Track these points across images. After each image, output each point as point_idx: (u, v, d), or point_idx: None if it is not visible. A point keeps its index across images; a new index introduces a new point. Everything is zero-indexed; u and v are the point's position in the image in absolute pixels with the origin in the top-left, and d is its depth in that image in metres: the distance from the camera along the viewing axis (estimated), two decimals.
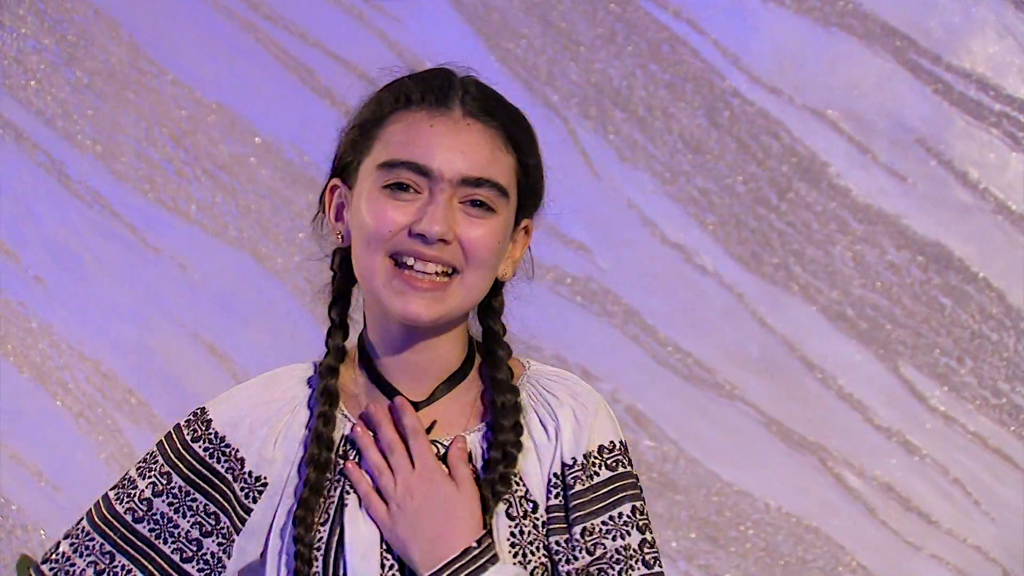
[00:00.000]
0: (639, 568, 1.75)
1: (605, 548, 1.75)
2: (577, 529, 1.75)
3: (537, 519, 1.76)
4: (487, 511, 1.74)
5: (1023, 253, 3.41)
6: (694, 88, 3.50)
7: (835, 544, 3.43)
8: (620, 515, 1.77)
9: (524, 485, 1.76)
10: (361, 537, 1.74)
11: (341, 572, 1.73)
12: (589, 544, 1.76)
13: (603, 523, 1.76)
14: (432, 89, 1.77)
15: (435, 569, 1.70)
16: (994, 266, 3.43)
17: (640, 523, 1.77)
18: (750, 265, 3.48)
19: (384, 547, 1.74)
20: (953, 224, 3.43)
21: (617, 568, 1.75)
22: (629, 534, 1.76)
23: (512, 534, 1.75)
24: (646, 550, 1.76)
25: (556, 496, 1.77)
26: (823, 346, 3.45)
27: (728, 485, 3.46)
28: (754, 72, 3.49)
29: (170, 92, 3.62)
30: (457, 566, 1.70)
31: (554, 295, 3.50)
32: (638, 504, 1.78)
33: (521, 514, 1.76)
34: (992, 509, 3.40)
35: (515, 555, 1.75)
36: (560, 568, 1.75)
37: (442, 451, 1.77)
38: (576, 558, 1.75)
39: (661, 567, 1.77)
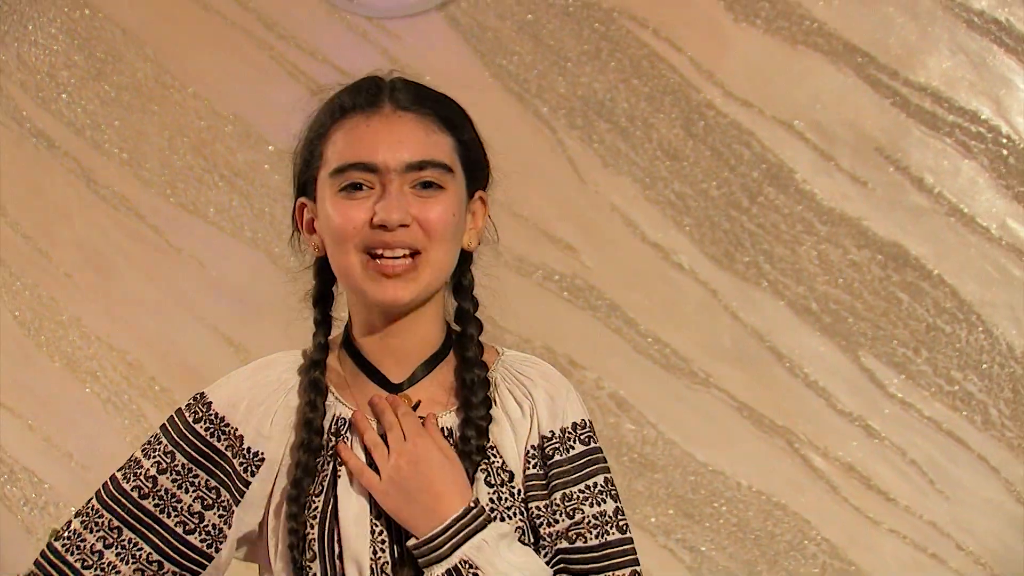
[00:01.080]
0: (614, 533, 1.82)
1: (584, 514, 1.81)
2: (557, 495, 1.82)
3: (514, 487, 1.82)
4: (469, 480, 1.78)
5: (974, 252, 3.41)
6: (672, 101, 3.52)
7: (801, 519, 3.46)
8: (595, 484, 1.83)
9: (500, 457, 1.82)
10: (352, 506, 1.79)
11: (336, 537, 1.78)
12: (568, 509, 1.81)
13: (580, 491, 1.82)
14: (362, 94, 1.81)
15: (439, 528, 1.74)
16: (947, 264, 3.43)
17: (612, 493, 1.84)
18: (723, 263, 3.49)
19: (373, 514, 1.78)
20: (910, 226, 3.44)
21: (595, 532, 1.81)
22: (604, 502, 1.83)
23: (491, 500, 1.80)
24: (619, 517, 1.84)
25: (535, 466, 1.83)
26: (790, 338, 3.46)
27: (703, 465, 3.49)
28: (727, 86, 3.50)
29: (191, 105, 3.67)
30: (460, 523, 1.74)
31: (543, 291, 3.54)
32: (609, 476, 1.85)
33: (499, 482, 1.81)
34: (946, 488, 3.42)
35: (494, 519, 1.79)
36: (541, 531, 1.81)
37: None
38: (556, 521, 1.82)
39: (631, 533, 1.85)
